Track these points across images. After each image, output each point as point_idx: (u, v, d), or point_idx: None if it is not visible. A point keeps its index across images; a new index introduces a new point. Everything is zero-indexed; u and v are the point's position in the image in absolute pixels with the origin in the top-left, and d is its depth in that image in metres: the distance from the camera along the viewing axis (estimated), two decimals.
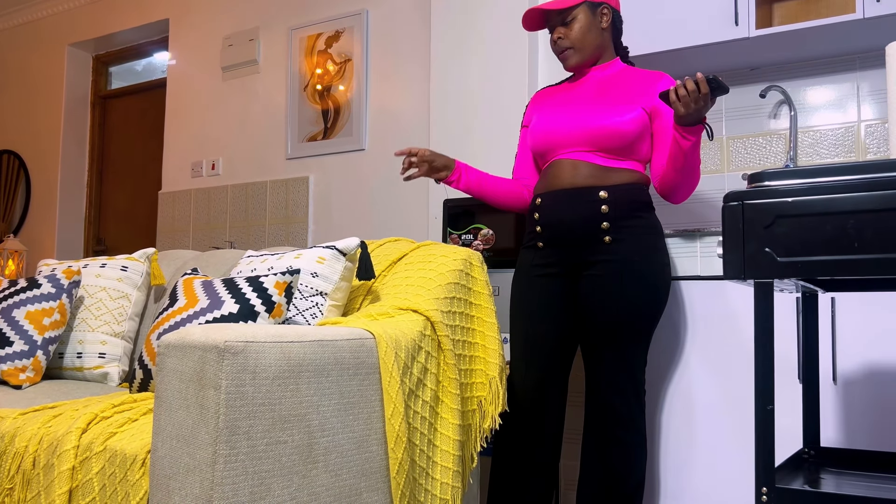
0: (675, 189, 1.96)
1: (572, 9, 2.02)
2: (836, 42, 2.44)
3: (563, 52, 2.05)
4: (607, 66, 2.09)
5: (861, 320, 1.95)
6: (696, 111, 1.75)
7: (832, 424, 1.96)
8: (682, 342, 2.18)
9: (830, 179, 1.17)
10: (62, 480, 1.44)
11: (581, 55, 2.04)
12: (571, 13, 2.02)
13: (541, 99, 2.17)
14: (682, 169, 1.89)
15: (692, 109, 1.74)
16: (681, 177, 1.91)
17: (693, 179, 1.94)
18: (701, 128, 1.80)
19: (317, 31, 3.72)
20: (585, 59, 2.06)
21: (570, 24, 2.02)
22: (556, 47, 2.06)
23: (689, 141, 1.82)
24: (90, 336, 2.20)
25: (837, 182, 1.16)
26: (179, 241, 4.17)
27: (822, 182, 1.17)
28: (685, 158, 1.86)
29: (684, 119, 1.77)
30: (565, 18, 2.03)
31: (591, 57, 2.06)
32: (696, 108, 1.74)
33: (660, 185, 1.99)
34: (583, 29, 2.02)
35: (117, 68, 4.98)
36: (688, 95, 1.72)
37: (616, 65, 2.09)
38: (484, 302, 1.94)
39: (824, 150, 2.58)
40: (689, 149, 1.84)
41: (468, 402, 1.81)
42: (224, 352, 1.25)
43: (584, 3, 2.01)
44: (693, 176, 1.93)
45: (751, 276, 1.20)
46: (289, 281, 1.82)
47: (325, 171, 3.64)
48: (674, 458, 2.15)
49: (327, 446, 1.41)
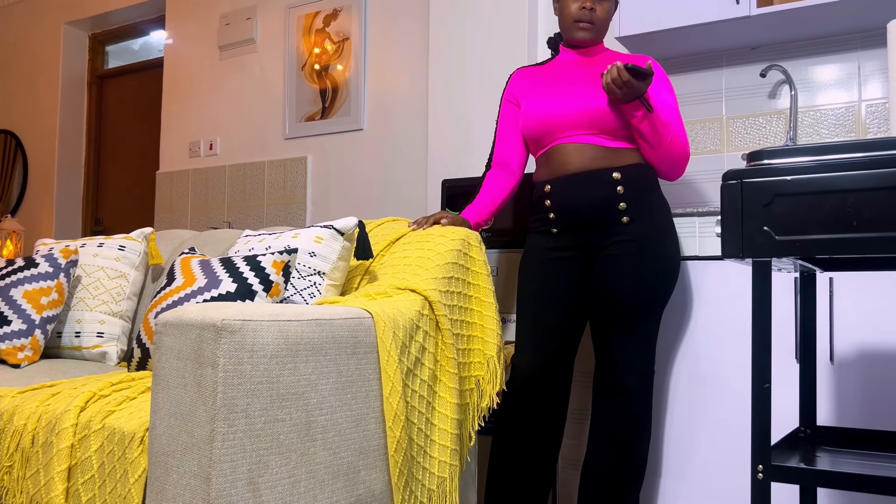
0: (656, 164, 2.00)
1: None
2: (837, 21, 2.42)
3: (586, 24, 2.02)
4: (596, 49, 2.10)
5: (859, 300, 1.96)
6: (625, 95, 1.85)
7: (829, 403, 1.97)
8: (682, 322, 2.18)
9: (829, 158, 1.17)
10: (61, 458, 1.44)
11: (595, 34, 2.05)
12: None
13: (524, 79, 2.14)
14: (648, 146, 1.95)
15: (619, 94, 1.85)
16: (653, 152, 1.96)
17: (671, 154, 1.96)
18: (639, 104, 1.89)
19: (314, 10, 3.68)
20: (593, 41, 2.07)
21: (603, 3, 2.02)
22: (581, 14, 2.01)
23: (634, 117, 1.91)
24: (88, 315, 2.20)
25: (836, 161, 1.15)
26: (177, 222, 4.16)
27: (820, 160, 1.17)
28: (640, 134, 1.93)
29: (620, 100, 1.88)
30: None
31: (598, 39, 2.07)
32: (622, 92, 1.85)
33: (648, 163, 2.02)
34: (608, 13, 2.05)
35: (114, 47, 4.95)
36: (611, 83, 1.84)
37: (602, 48, 2.10)
38: (482, 282, 1.94)
39: (825, 129, 2.57)
40: (638, 124, 1.91)
41: (466, 382, 1.81)
42: (221, 330, 1.25)
43: None
44: (669, 150, 1.95)
45: (749, 255, 1.20)
46: (286, 260, 1.82)
47: (323, 151, 3.63)
48: (675, 437, 2.16)
49: (325, 424, 1.41)
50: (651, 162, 1.99)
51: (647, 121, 1.90)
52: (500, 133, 2.18)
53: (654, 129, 1.91)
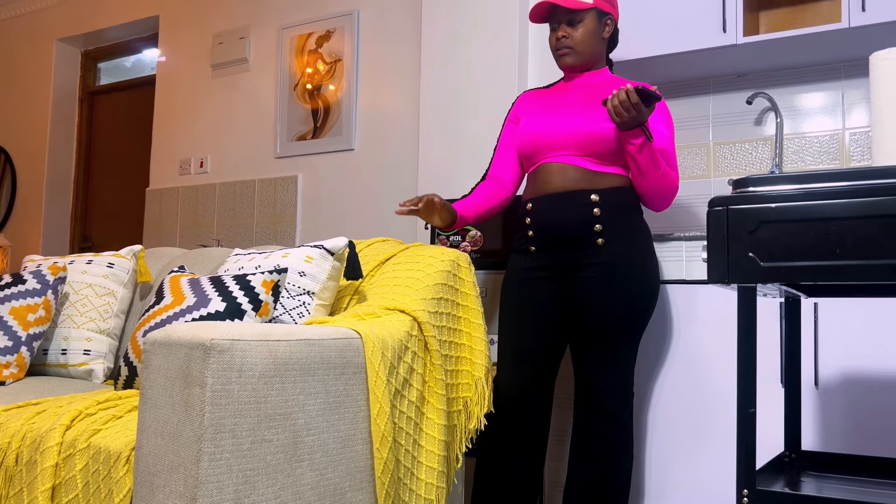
0: (644, 194, 2.00)
1: (582, 11, 2.03)
2: (821, 50, 2.47)
3: (563, 50, 2.06)
4: (597, 74, 2.11)
5: (843, 326, 1.98)
6: (631, 119, 1.83)
7: (814, 428, 1.99)
8: (667, 345, 2.19)
9: (813, 186, 1.19)
10: (45, 477, 1.43)
11: (578, 58, 2.06)
12: (580, 15, 2.03)
13: (529, 100, 2.18)
14: (639, 174, 1.94)
15: (626, 118, 1.82)
16: (644, 181, 1.95)
17: (661, 186, 1.96)
18: (639, 131, 1.87)
19: (308, 31, 3.71)
20: (580, 63, 2.07)
21: (577, 26, 2.04)
22: (557, 44, 2.07)
23: (632, 145, 1.89)
24: (75, 333, 2.19)
25: (820, 189, 1.18)
26: (166, 239, 4.15)
27: (805, 189, 1.19)
28: (635, 162, 1.92)
29: (622, 126, 1.85)
30: (573, 19, 2.04)
31: (586, 62, 2.08)
32: (629, 116, 1.82)
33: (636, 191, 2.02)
34: (587, 33, 2.04)
35: (106, 64, 4.96)
36: (619, 105, 1.81)
37: (605, 73, 2.12)
38: (471, 303, 1.95)
39: (809, 157, 2.61)
40: (635, 153, 1.90)
41: (454, 403, 1.82)
42: (210, 349, 1.25)
43: (593, 9, 2.03)
44: (658, 181, 1.95)
45: (734, 281, 1.22)
46: (276, 279, 1.82)
47: (314, 170, 3.64)
48: (658, 459, 2.17)
49: (312, 445, 1.41)
50: (638, 190, 2.00)
51: (645, 150, 1.90)
52: (498, 149, 2.22)
53: (648, 159, 1.92)
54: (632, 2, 2.58)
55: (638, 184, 1.98)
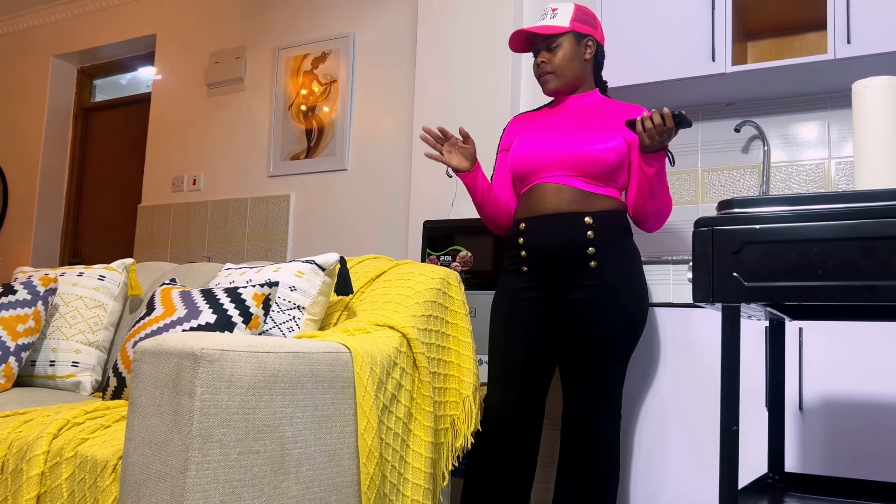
0: (646, 216, 2.02)
1: (558, 36, 2.07)
2: (808, 81, 2.52)
3: (545, 75, 2.10)
4: (586, 96, 2.14)
5: (827, 350, 2.00)
6: (660, 143, 1.86)
7: (797, 450, 2.00)
8: (655, 368, 2.21)
9: (796, 209, 1.22)
10: (30, 485, 1.43)
11: (561, 81, 2.10)
12: (557, 40, 2.07)
13: (519, 123, 2.21)
14: (649, 195, 1.97)
15: (656, 141, 1.86)
16: (650, 203, 1.99)
17: (663, 207, 2.00)
18: (663, 154, 1.91)
19: (303, 52, 3.76)
20: (564, 86, 2.11)
21: (555, 51, 2.08)
22: (538, 70, 2.12)
23: (652, 167, 1.92)
24: (64, 344, 2.19)
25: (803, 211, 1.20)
26: (157, 255, 4.16)
27: (788, 211, 1.22)
28: (650, 184, 1.95)
29: (648, 148, 1.88)
30: (550, 44, 2.08)
31: (570, 84, 2.11)
32: (660, 140, 1.85)
33: (633, 212, 2.04)
34: (566, 57, 2.08)
35: (102, 81, 4.99)
36: (654, 128, 1.83)
37: (595, 95, 2.15)
38: (460, 321, 1.96)
39: (796, 184, 2.65)
40: (654, 175, 1.93)
41: (441, 421, 1.82)
42: (200, 359, 1.26)
43: (570, 33, 2.07)
44: (662, 203, 1.99)
45: (718, 300, 1.24)
46: (267, 293, 1.83)
47: (306, 189, 3.66)
48: (644, 481, 2.18)
49: (299, 458, 1.41)
50: (642, 211, 2.01)
51: (662, 172, 1.94)
52: (495, 178, 2.22)
53: (661, 181, 1.95)
54: (623, 29, 2.64)
55: (644, 206, 2.00)
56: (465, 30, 3.07)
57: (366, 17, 3.59)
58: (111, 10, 4.63)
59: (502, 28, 2.99)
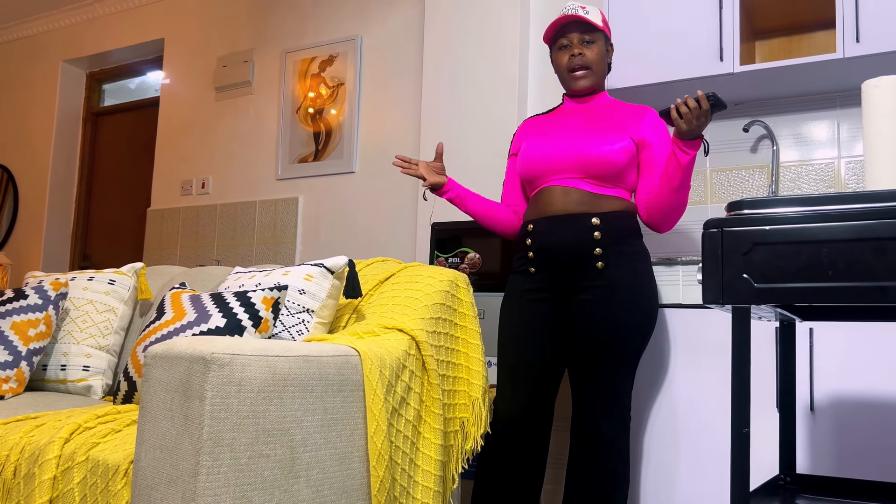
0: (665, 212, 1.97)
1: (596, 30, 2.06)
2: (817, 80, 2.51)
3: (581, 69, 2.06)
4: (598, 97, 2.13)
5: (838, 351, 1.99)
6: (697, 127, 1.82)
7: (808, 451, 1.99)
8: (664, 368, 2.21)
9: (806, 209, 1.21)
10: (43, 490, 1.44)
11: (594, 79, 2.08)
12: (594, 34, 2.06)
13: (529, 127, 2.21)
14: (677, 187, 1.91)
15: (693, 126, 1.81)
16: (675, 196, 1.93)
17: (683, 203, 1.97)
18: (699, 142, 1.86)
19: (311, 55, 3.77)
20: (594, 85, 2.09)
21: (591, 46, 2.06)
22: (572, 63, 2.06)
23: (688, 155, 1.87)
24: (75, 348, 2.20)
25: (813, 212, 1.20)
26: (166, 259, 4.17)
27: (798, 212, 1.21)
28: (682, 173, 1.89)
29: (685, 134, 1.84)
30: (586, 38, 2.05)
31: (597, 84, 2.10)
32: (697, 124, 1.80)
33: (648, 211, 2.01)
34: (600, 54, 2.07)
35: (111, 86, 5.01)
36: (689, 112, 1.79)
37: (605, 97, 2.14)
38: (469, 324, 1.96)
39: (805, 184, 2.64)
40: (688, 164, 1.88)
41: (451, 423, 1.82)
42: (210, 363, 1.27)
43: (602, 31, 2.07)
44: (683, 199, 1.96)
45: (728, 301, 1.24)
46: (276, 297, 1.84)
47: (314, 192, 3.67)
48: (654, 483, 2.17)
49: (309, 461, 1.42)
50: (664, 206, 1.96)
51: (693, 161, 1.89)
52: (506, 183, 2.24)
53: (690, 171, 1.91)
54: (632, 30, 2.63)
55: (667, 200, 1.95)
56: (471, 32, 3.07)
57: (373, 19, 3.59)
58: (120, 15, 4.65)
59: (509, 30, 2.99)
